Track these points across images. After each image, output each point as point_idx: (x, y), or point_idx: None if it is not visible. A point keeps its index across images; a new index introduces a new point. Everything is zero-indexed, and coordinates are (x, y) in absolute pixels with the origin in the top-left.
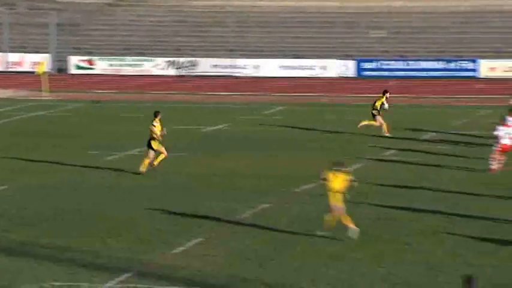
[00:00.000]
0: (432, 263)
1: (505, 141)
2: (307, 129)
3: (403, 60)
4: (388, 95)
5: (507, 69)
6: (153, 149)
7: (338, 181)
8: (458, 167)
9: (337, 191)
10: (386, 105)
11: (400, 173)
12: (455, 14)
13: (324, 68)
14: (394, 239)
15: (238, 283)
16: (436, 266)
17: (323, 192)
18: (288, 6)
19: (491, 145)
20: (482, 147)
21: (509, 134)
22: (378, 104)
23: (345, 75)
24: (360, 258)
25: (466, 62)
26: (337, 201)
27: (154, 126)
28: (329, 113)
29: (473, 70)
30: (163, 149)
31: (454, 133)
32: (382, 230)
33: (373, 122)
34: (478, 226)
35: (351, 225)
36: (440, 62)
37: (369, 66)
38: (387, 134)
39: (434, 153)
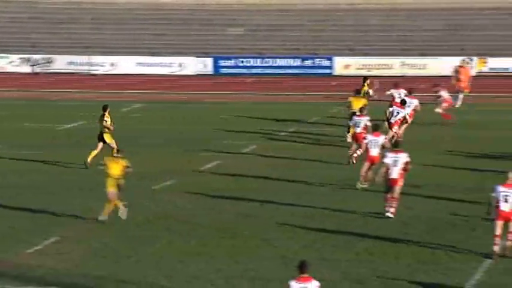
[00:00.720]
0: (288, 257)
1: (373, 153)
2: (165, 126)
3: (260, 58)
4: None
5: (361, 67)
6: (105, 142)
7: (116, 167)
8: (315, 162)
9: (113, 177)
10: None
11: (258, 169)
12: (311, 12)
13: (181, 65)
14: (251, 235)
15: (93, 281)
16: (292, 261)
17: (182, 189)
18: (144, 2)
19: (346, 140)
20: (338, 143)
21: (377, 142)
22: (357, 105)
23: (202, 73)
24: (217, 254)
25: (322, 59)
26: (111, 187)
27: (105, 120)
28: (187, 110)
29: (329, 67)
30: (114, 143)
31: (311, 129)
32: (240, 225)
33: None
34: (335, 220)
35: (122, 207)
36: (297, 60)
37: (226, 64)
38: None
39: (292, 149)
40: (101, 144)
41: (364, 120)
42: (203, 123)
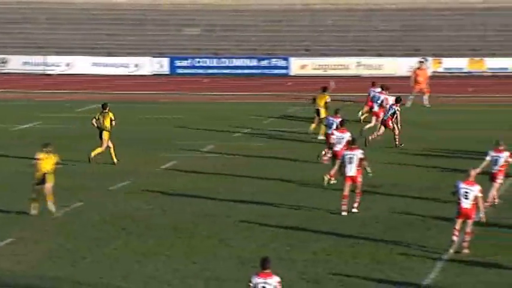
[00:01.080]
0: (244, 257)
1: (337, 148)
2: (121, 126)
3: (216, 58)
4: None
5: (317, 67)
6: (101, 138)
7: (48, 162)
8: (272, 161)
9: (45, 171)
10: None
11: (215, 169)
12: (267, 12)
13: (137, 65)
14: (208, 235)
15: (50, 282)
16: (248, 261)
17: (139, 189)
18: (100, 2)
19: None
20: (294, 143)
21: (342, 138)
22: (321, 102)
23: (158, 73)
24: (174, 254)
25: (278, 59)
26: (48, 181)
27: (112, 119)
28: (144, 110)
29: (285, 68)
30: (109, 142)
31: (267, 129)
32: (197, 225)
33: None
34: (292, 220)
35: (50, 202)
36: (253, 60)
37: (182, 64)
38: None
39: (249, 149)
40: (105, 141)
41: (337, 122)
42: (159, 123)
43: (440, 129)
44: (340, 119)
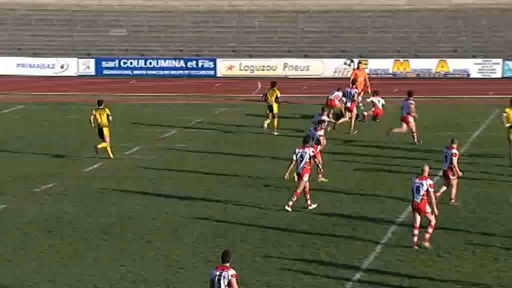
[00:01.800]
0: (172, 259)
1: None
2: (47, 128)
3: (143, 59)
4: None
5: (244, 68)
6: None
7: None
8: (199, 163)
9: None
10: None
11: (141, 171)
12: (194, 14)
13: (63, 66)
14: (135, 237)
15: None
16: (176, 263)
17: (64, 191)
18: (26, 3)
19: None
20: (220, 144)
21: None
22: (272, 98)
23: (85, 74)
24: (100, 257)
25: (205, 60)
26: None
27: (109, 114)
28: (69, 111)
29: (212, 69)
30: (108, 138)
31: (195, 130)
32: (124, 228)
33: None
34: (218, 223)
35: None
36: (180, 61)
37: (109, 65)
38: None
39: (176, 150)
40: (105, 137)
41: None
42: (85, 125)
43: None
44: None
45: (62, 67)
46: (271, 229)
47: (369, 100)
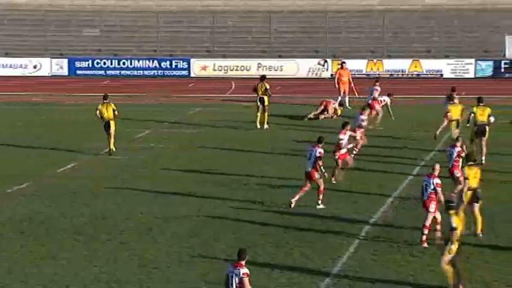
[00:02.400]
0: (145, 260)
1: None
2: (20, 128)
3: (116, 59)
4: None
5: (218, 68)
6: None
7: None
8: (174, 163)
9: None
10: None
11: (115, 171)
12: (167, 14)
13: (36, 66)
14: (108, 238)
15: None
16: (149, 263)
17: (38, 191)
18: None
19: None
20: (195, 144)
21: None
22: (261, 90)
23: (58, 74)
24: (74, 257)
25: (179, 61)
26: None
27: (114, 109)
28: (43, 112)
29: (186, 69)
30: (114, 133)
31: (170, 130)
32: (97, 229)
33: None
34: (191, 223)
35: None
36: (154, 61)
37: (82, 65)
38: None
39: (151, 151)
40: (111, 131)
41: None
42: (59, 125)
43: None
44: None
45: (34, 67)
46: (246, 229)
47: (383, 98)
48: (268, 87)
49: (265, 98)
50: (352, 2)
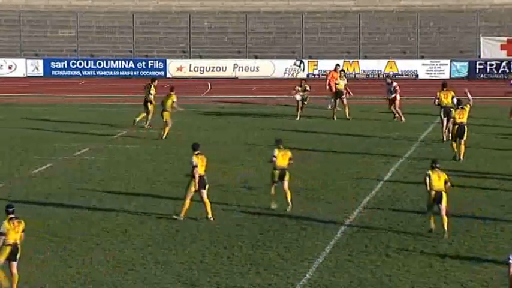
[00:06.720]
0: (121, 261)
1: None
2: None
3: (92, 60)
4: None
5: (194, 69)
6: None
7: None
8: (149, 163)
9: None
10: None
11: (90, 172)
12: (143, 14)
13: (11, 67)
14: (84, 239)
15: None
16: (125, 264)
17: (12, 193)
18: None
19: None
20: (171, 145)
21: None
22: (169, 103)
23: (33, 75)
24: (49, 259)
25: (155, 61)
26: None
27: (151, 93)
28: (18, 112)
29: (162, 70)
30: (150, 114)
31: (144, 131)
32: (73, 230)
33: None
34: (167, 223)
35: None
36: (130, 62)
37: (58, 66)
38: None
39: (126, 152)
40: (150, 108)
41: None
42: (34, 126)
43: (315, 132)
44: None
45: (9, 68)
46: (221, 230)
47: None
48: (175, 99)
49: (166, 113)
50: (328, 3)
